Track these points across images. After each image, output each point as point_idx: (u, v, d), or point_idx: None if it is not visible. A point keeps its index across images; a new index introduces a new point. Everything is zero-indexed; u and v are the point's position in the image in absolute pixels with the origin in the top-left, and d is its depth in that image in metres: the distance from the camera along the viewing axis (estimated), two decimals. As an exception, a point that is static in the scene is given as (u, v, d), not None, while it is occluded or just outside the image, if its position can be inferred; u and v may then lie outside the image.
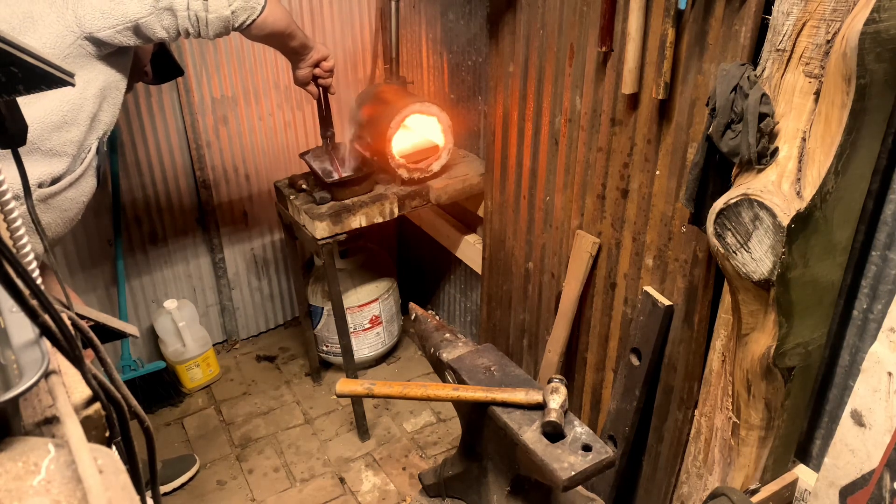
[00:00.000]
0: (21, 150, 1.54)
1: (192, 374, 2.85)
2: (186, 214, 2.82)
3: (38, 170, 1.55)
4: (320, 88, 2.13)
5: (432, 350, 1.86)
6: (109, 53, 1.62)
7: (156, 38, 1.61)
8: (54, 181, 1.60)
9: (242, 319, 3.15)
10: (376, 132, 2.41)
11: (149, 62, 1.92)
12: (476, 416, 1.69)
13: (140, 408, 0.78)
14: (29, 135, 1.57)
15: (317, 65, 2.03)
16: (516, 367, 1.75)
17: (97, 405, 0.69)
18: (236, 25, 1.67)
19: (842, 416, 1.40)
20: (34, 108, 1.52)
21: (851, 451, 1.39)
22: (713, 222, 1.31)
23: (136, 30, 1.58)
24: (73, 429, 0.58)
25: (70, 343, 0.63)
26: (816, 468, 1.62)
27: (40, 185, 1.57)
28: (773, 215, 1.22)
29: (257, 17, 1.68)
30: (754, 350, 1.41)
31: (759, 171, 1.28)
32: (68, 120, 1.57)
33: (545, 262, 2.20)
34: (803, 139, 1.25)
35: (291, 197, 2.42)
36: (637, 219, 1.79)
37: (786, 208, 1.22)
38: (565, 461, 1.45)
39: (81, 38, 1.55)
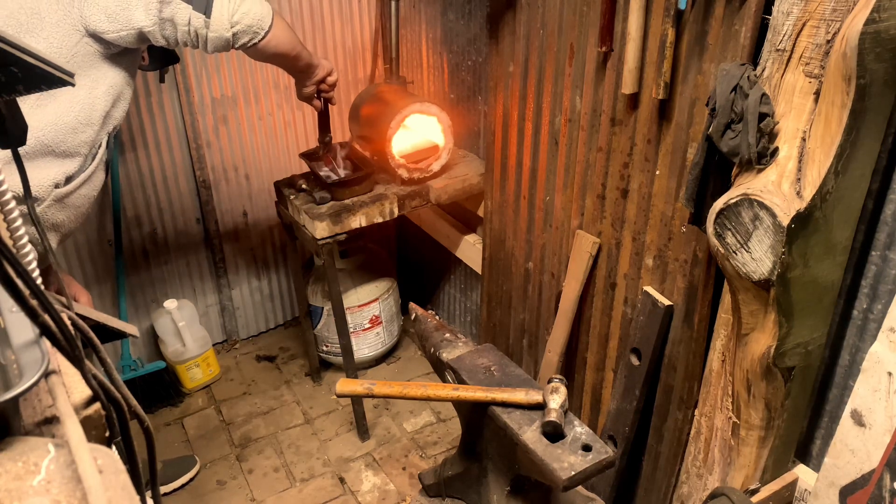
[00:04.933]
0: (37, 152, 1.58)
1: (192, 374, 2.85)
2: (186, 214, 2.82)
3: (53, 170, 1.56)
4: (323, 101, 2.13)
5: (432, 350, 1.86)
6: (117, 53, 1.63)
7: (156, 43, 1.64)
8: (69, 180, 1.61)
9: (242, 319, 3.15)
10: (376, 132, 2.40)
11: (145, 49, 1.92)
12: (476, 416, 1.69)
13: (140, 408, 0.78)
14: (45, 138, 1.59)
15: (322, 80, 2.03)
16: (516, 367, 1.75)
17: (97, 405, 0.69)
18: (237, 46, 1.68)
19: (842, 416, 1.40)
20: (47, 110, 1.52)
21: (851, 450, 1.39)
22: (713, 222, 1.31)
23: (140, 35, 1.60)
24: (73, 429, 0.58)
25: (70, 343, 0.63)
26: (816, 468, 1.62)
27: (56, 186, 1.58)
28: (773, 215, 1.22)
29: (259, 41, 1.68)
30: (754, 350, 1.41)
31: (759, 171, 1.28)
32: (82, 120, 1.59)
33: (545, 262, 2.20)
34: (803, 139, 1.25)
35: (291, 197, 2.41)
36: (637, 219, 1.79)
37: (786, 208, 1.22)
38: (565, 461, 1.45)
39: (86, 36, 1.56)
